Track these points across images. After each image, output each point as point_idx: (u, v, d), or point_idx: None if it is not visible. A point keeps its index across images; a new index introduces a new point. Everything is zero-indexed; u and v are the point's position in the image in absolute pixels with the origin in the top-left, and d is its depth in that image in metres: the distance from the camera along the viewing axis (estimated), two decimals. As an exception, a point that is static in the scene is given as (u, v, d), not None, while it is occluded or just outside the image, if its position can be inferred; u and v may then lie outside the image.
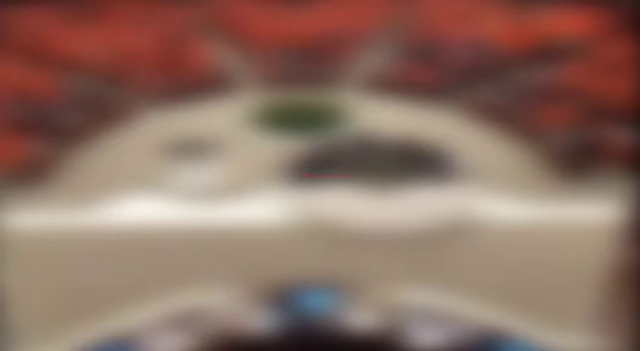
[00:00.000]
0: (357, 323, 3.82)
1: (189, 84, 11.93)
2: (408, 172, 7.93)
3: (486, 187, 7.21)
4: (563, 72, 12.34)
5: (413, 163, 7.77)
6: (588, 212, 6.81)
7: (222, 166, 8.13)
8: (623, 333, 3.93)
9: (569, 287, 5.23)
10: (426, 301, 4.39)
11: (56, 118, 9.26)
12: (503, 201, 7.18)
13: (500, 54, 14.30)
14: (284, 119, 9.95)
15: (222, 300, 4.08)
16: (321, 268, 5.70)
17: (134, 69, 12.22)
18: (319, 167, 7.29)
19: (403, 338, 3.79)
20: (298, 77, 12.74)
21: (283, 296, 3.99)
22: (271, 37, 15.82)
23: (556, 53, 14.84)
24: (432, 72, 12.29)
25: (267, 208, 7.00)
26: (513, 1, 18.95)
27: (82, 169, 8.27)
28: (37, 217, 6.69)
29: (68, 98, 10.15)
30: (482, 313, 4.53)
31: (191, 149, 7.64)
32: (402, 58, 13.71)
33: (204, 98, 11.95)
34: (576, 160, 8.03)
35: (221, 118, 10.63)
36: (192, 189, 7.56)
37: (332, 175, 7.72)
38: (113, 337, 3.85)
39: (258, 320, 3.84)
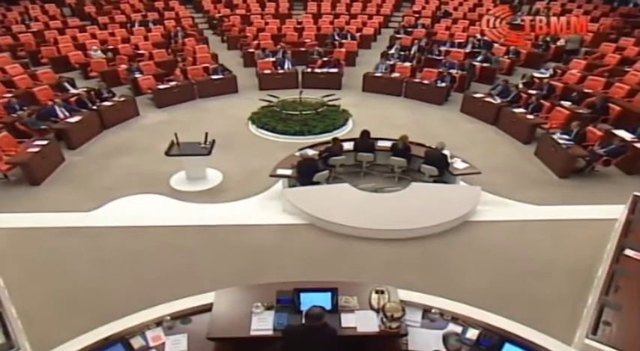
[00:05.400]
0: (356, 323, 3.82)
1: (191, 83, 11.94)
2: (408, 172, 7.97)
3: (486, 186, 7.22)
4: (563, 72, 12.37)
5: (413, 162, 7.79)
6: (588, 212, 6.81)
7: (222, 166, 8.16)
8: (622, 333, 3.94)
9: (570, 287, 5.23)
10: (426, 301, 4.39)
11: (56, 118, 9.26)
12: (504, 201, 7.19)
13: (501, 54, 14.36)
14: (284, 119, 9.97)
15: (223, 300, 4.08)
16: (321, 267, 5.71)
17: (134, 69, 12.21)
18: (319, 166, 7.30)
19: (402, 338, 3.79)
20: (298, 77, 12.80)
21: (284, 296, 3.99)
22: (272, 37, 15.89)
23: (557, 53, 14.90)
24: (431, 72, 12.30)
25: (267, 208, 7.00)
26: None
27: (82, 170, 8.28)
28: (37, 217, 6.69)
29: (68, 98, 10.15)
30: (482, 314, 4.53)
31: (191, 149, 7.65)
32: (401, 57, 13.74)
33: (205, 98, 11.99)
34: (576, 160, 8.03)
35: (222, 117, 10.67)
36: (192, 188, 7.58)
37: (332, 174, 7.75)
38: (113, 337, 3.84)
39: (259, 320, 3.84)
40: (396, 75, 12.71)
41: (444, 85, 11.84)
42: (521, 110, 9.95)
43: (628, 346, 3.90)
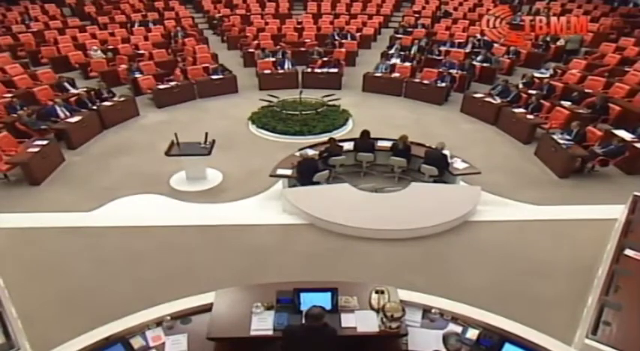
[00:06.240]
0: (356, 323, 3.82)
1: (191, 83, 11.94)
2: (408, 172, 7.97)
3: (486, 186, 7.21)
4: (563, 72, 12.37)
5: (413, 162, 7.78)
6: (588, 212, 6.81)
7: (222, 166, 8.16)
8: (622, 333, 3.94)
9: (570, 287, 5.23)
10: (426, 301, 4.39)
11: (56, 118, 9.26)
12: (504, 201, 7.19)
13: (501, 54, 14.35)
14: (284, 119, 9.97)
15: (223, 300, 4.08)
16: (321, 267, 5.70)
17: (134, 69, 12.21)
18: (319, 166, 7.29)
19: (402, 338, 3.79)
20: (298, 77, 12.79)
21: (284, 296, 3.99)
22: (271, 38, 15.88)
23: (557, 53, 14.90)
24: (432, 72, 12.30)
25: (267, 208, 7.00)
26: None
27: (82, 170, 8.28)
28: (37, 217, 6.68)
29: (68, 98, 10.15)
30: (482, 314, 4.53)
31: (191, 149, 7.65)
32: (401, 57, 13.73)
33: (205, 98, 11.98)
34: (576, 160, 8.03)
35: (222, 118, 10.66)
36: (192, 188, 7.58)
37: (332, 174, 7.74)
38: (113, 337, 3.84)
39: (259, 320, 3.83)
40: (396, 75, 12.71)
41: (444, 85, 11.84)
42: (521, 110, 9.95)
43: (628, 346, 3.90)
